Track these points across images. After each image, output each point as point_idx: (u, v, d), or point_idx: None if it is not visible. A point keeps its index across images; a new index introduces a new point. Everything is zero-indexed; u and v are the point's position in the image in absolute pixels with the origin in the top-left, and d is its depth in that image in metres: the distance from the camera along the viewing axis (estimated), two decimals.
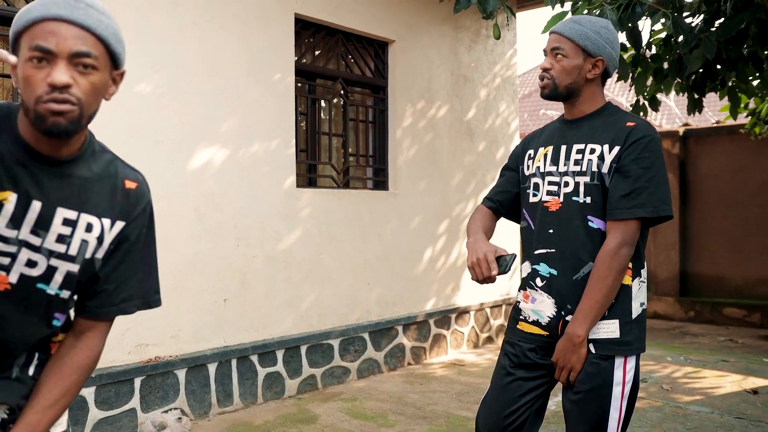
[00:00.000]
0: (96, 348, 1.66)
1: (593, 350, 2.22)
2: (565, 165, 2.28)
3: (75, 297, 1.64)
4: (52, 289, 1.56)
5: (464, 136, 7.21)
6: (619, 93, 15.32)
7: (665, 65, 4.60)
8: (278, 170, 5.24)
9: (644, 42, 4.31)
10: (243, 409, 4.97)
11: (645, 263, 2.29)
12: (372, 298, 6.09)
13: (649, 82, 5.25)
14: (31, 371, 1.61)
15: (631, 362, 2.22)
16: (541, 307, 2.30)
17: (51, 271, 1.55)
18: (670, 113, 14.95)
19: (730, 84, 4.81)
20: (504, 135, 7.80)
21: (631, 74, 4.77)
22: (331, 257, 5.70)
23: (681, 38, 3.95)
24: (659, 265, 9.63)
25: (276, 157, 5.24)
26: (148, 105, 4.40)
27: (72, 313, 1.67)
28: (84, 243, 1.56)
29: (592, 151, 2.23)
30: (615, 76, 4.68)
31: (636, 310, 2.23)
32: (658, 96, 4.75)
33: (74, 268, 1.57)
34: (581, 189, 2.23)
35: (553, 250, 2.28)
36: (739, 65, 4.34)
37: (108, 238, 1.60)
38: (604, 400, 2.19)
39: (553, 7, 3.91)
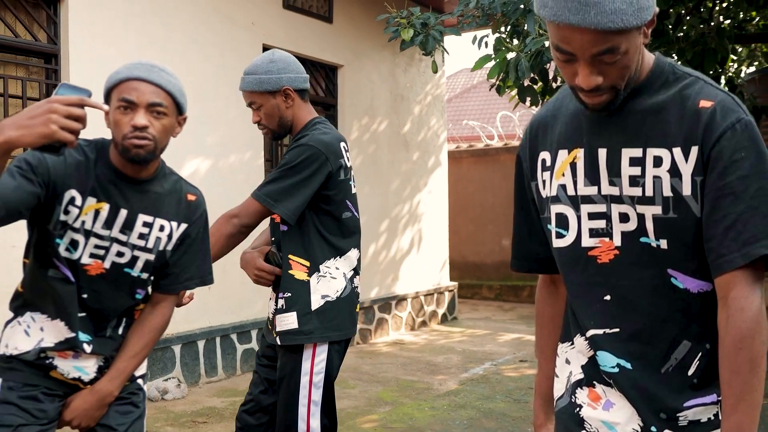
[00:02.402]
0: (167, 314, 1.96)
1: (280, 342, 2.26)
2: None
3: (152, 277, 1.93)
4: (135, 272, 1.86)
5: (401, 148, 7.56)
6: None
7: None
8: (251, 177, 5.58)
9: (551, 75, 4.91)
10: (226, 378, 5.34)
11: (333, 263, 2.29)
12: None
13: None
14: (120, 331, 1.90)
15: (321, 352, 2.25)
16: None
17: (134, 259, 1.84)
18: None
19: None
20: (434, 146, 8.19)
21: (541, 101, 5.38)
22: None
23: None
24: None
25: (249, 167, 5.61)
26: None
27: (149, 289, 1.96)
28: (158, 239, 1.87)
29: None
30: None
31: (316, 302, 2.25)
32: None
33: (151, 257, 1.86)
34: None
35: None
36: None
37: (175, 236, 1.91)
38: (293, 388, 2.23)
39: (479, 48, 4.44)
